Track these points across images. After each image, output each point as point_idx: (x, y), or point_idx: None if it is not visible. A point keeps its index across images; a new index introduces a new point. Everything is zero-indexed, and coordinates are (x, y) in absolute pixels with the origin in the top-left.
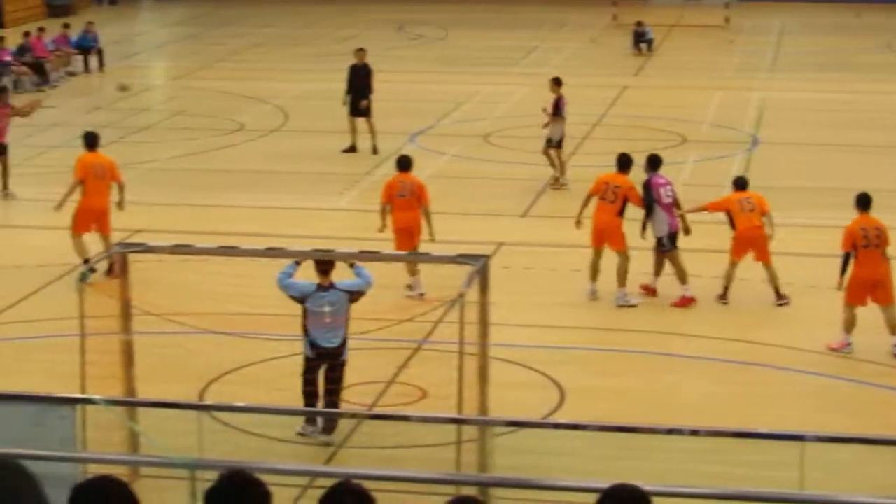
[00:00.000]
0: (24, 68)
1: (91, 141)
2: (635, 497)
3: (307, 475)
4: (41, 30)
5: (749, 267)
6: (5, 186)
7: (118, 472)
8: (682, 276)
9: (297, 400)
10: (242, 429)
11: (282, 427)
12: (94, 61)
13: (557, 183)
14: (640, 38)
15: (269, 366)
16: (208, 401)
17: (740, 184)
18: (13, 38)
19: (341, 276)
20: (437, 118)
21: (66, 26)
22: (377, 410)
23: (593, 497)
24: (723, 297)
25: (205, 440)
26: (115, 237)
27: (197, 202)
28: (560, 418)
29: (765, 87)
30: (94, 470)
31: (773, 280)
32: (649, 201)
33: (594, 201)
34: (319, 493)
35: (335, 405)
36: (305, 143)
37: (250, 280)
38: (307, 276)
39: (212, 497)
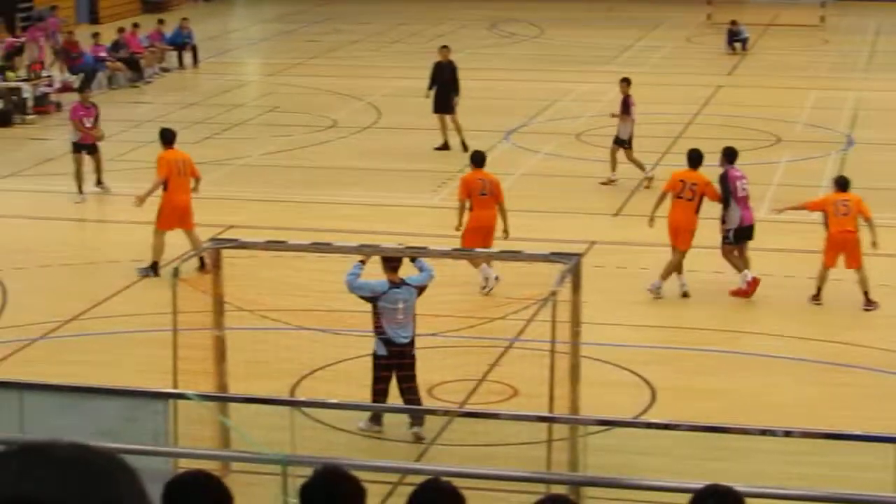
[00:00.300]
0: (119, 64)
1: (169, 137)
2: (729, 498)
3: (397, 472)
4: (136, 26)
5: (844, 268)
6: (99, 181)
7: (209, 467)
8: (740, 266)
9: (389, 397)
10: (333, 425)
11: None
12: (188, 58)
13: (610, 182)
14: (735, 38)
15: (360, 362)
16: (300, 397)
17: (841, 184)
18: (108, 34)
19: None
20: (530, 116)
21: (161, 22)
22: (468, 408)
23: (685, 497)
24: (816, 298)
25: (296, 436)
26: (209, 233)
27: (290, 198)
28: (651, 418)
29: (860, 86)
30: (186, 465)
31: (863, 284)
32: (726, 195)
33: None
34: (409, 490)
35: (419, 400)
36: (398, 140)
37: (342, 277)
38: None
39: (307, 492)
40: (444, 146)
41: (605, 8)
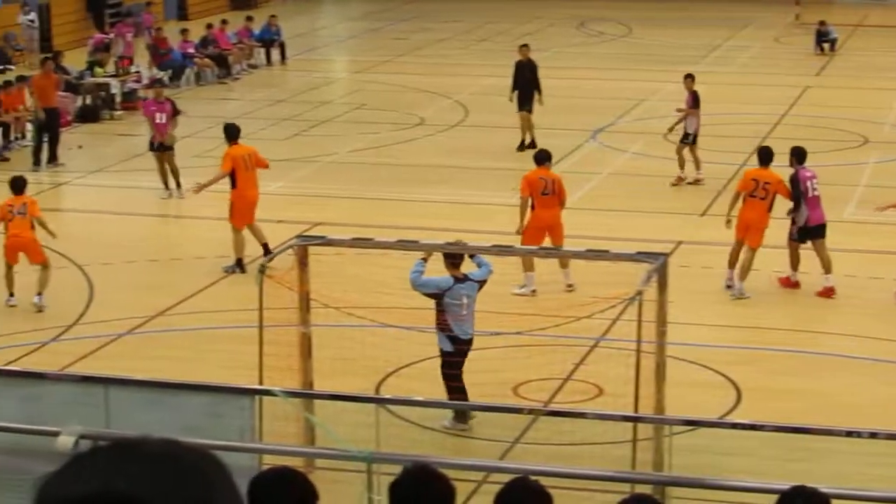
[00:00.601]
0: (207, 60)
1: (234, 133)
2: (815, 500)
3: (482, 470)
4: (224, 22)
5: None
6: (178, 185)
7: (294, 463)
8: (794, 265)
9: (473, 395)
10: (418, 423)
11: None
12: (275, 54)
13: (681, 181)
14: (823, 38)
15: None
16: (385, 394)
17: None
18: (196, 31)
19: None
20: (617, 115)
21: (249, 19)
22: (553, 407)
23: (769, 498)
24: None
25: (381, 434)
26: (296, 229)
27: (376, 196)
28: (736, 418)
29: None
30: (271, 461)
31: None
32: (797, 195)
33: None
34: (493, 488)
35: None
36: (484, 139)
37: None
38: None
39: (396, 490)
40: (532, 145)
41: (694, 7)
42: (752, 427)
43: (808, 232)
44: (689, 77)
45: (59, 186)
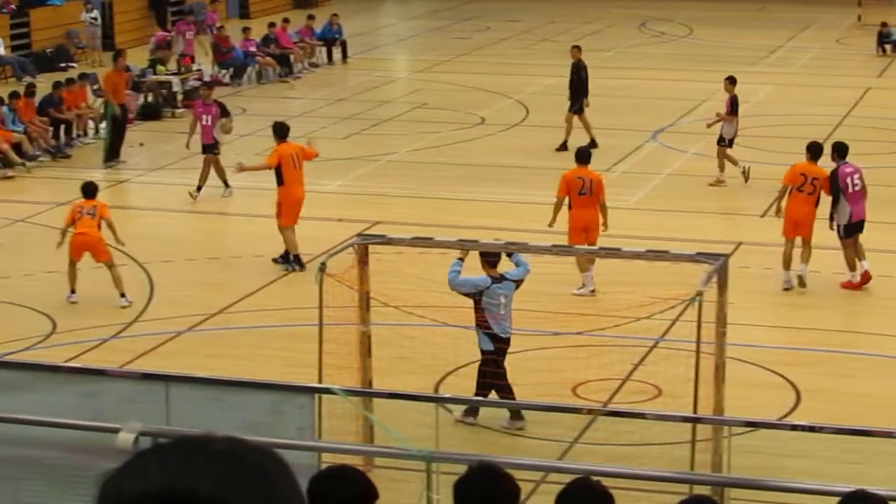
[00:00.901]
0: (269, 59)
1: (282, 131)
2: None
3: (541, 470)
4: (286, 21)
5: None
6: (226, 185)
7: (353, 462)
8: (850, 264)
9: (532, 394)
10: (477, 422)
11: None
12: (337, 53)
13: (719, 183)
14: (885, 39)
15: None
16: (444, 393)
17: None
18: (258, 29)
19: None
20: (678, 116)
21: (311, 18)
22: (612, 407)
23: (829, 501)
24: None
25: (440, 432)
26: (356, 228)
27: (437, 195)
28: (796, 419)
29: None
30: (330, 460)
31: None
32: (836, 191)
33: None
34: (551, 488)
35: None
36: (545, 139)
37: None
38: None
39: (461, 488)
40: (592, 144)
41: (756, 8)
42: (812, 429)
43: (853, 227)
44: (730, 80)
45: (119, 184)
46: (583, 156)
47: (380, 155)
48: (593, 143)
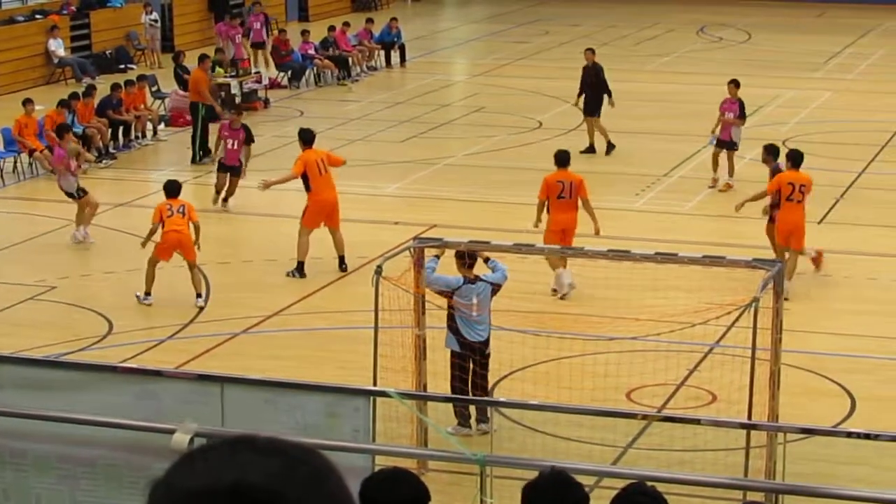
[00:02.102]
0: (327, 62)
1: (307, 138)
2: None
3: (595, 475)
4: (346, 24)
5: None
6: (225, 200)
7: (407, 465)
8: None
9: (588, 399)
10: (531, 426)
11: (569, 425)
12: (395, 57)
13: (717, 184)
14: None
15: (560, 364)
16: (499, 397)
17: None
18: (317, 32)
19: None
20: None
21: (370, 21)
22: (667, 413)
23: None
24: None
25: (495, 436)
26: (413, 231)
27: (493, 199)
28: (851, 427)
29: None
30: (384, 462)
31: None
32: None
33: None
34: (606, 493)
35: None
36: (600, 143)
37: (542, 277)
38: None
39: (532, 493)
40: (591, 149)
41: (815, 13)
42: (867, 436)
43: None
44: (734, 83)
45: (195, 180)
46: (562, 159)
47: (437, 158)
48: (592, 148)
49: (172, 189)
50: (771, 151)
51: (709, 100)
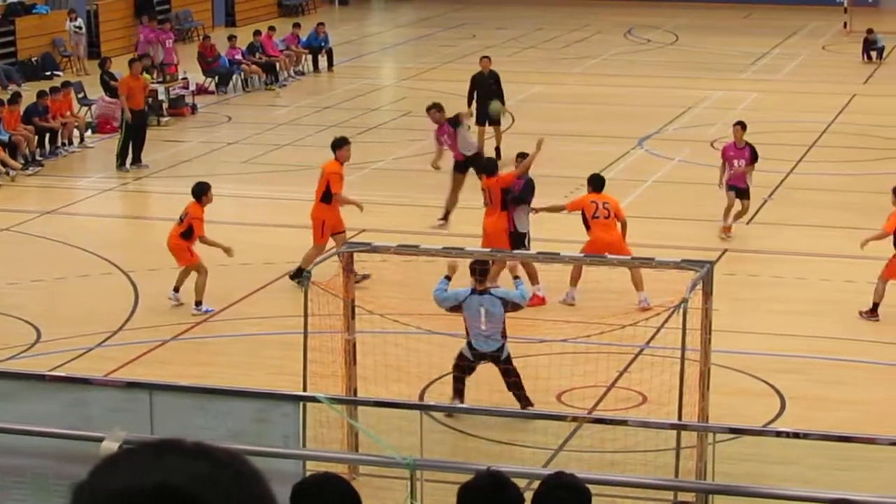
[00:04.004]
0: (255, 67)
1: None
2: None
3: (526, 477)
4: (272, 29)
5: None
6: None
7: (338, 469)
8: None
9: (515, 401)
10: (462, 430)
11: (499, 429)
12: (323, 61)
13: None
14: (871, 46)
15: (489, 367)
16: (429, 401)
17: None
18: (244, 37)
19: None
20: (665, 122)
21: (297, 26)
22: (597, 414)
23: None
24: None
25: (425, 440)
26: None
27: (422, 203)
28: (781, 426)
29: None
30: (315, 467)
31: None
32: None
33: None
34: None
35: (523, 397)
36: (531, 146)
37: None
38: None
39: (467, 495)
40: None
41: (742, 15)
42: (797, 435)
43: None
44: (741, 126)
45: (103, 192)
46: (489, 167)
47: (366, 163)
48: (498, 153)
49: (199, 191)
50: None
51: (637, 102)
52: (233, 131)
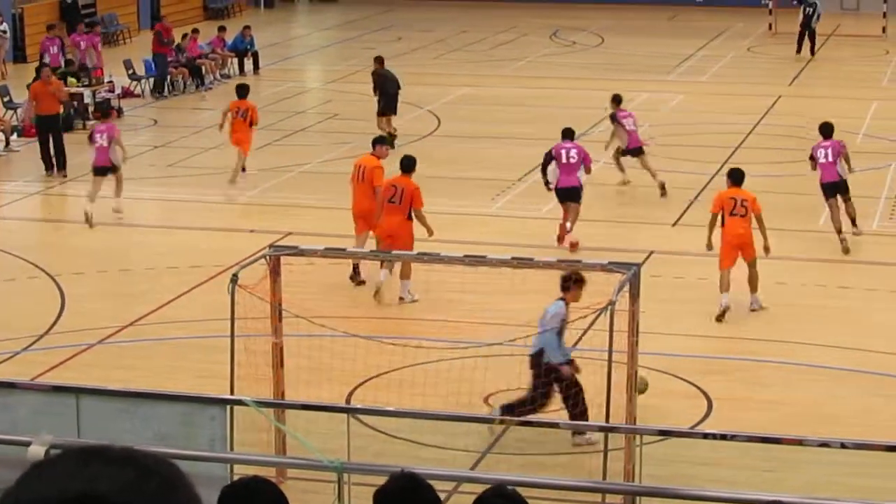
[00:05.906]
0: (181, 70)
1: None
2: None
3: (453, 480)
4: (195, 31)
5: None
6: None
7: (265, 473)
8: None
9: (446, 405)
10: (389, 433)
11: (426, 432)
12: (248, 64)
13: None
14: (808, 20)
15: (414, 371)
16: (356, 404)
17: None
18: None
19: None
20: (590, 124)
21: (222, 29)
22: (525, 417)
23: None
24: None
25: (352, 443)
26: (268, 239)
27: (348, 206)
28: (708, 428)
29: None
30: (242, 471)
31: None
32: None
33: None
34: (464, 499)
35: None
36: (458, 148)
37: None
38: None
39: (382, 498)
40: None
41: (667, 17)
42: (724, 437)
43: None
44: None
45: (29, 196)
46: (404, 164)
47: (292, 166)
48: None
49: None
50: None
51: (563, 104)
52: (158, 135)
